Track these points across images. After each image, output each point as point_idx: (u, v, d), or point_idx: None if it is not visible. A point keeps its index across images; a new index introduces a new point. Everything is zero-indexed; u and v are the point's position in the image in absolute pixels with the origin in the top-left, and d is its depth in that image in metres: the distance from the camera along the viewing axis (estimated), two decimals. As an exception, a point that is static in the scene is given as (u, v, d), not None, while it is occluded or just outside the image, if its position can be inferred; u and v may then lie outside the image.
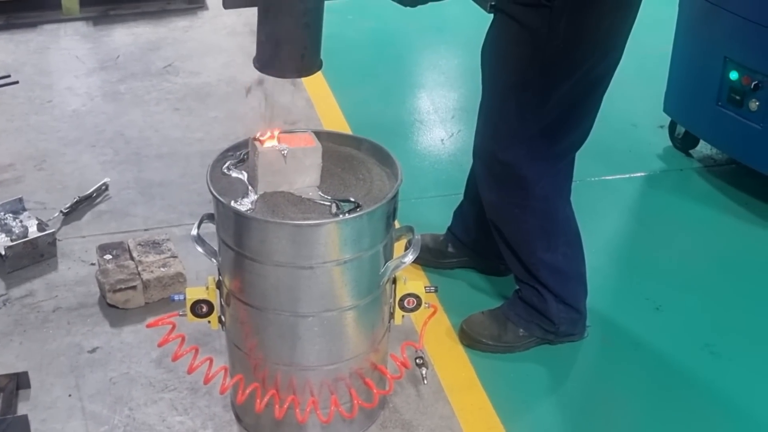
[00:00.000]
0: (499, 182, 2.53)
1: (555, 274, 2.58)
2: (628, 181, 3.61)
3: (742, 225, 3.32)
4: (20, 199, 3.15)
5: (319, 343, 2.15)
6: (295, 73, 2.00)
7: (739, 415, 2.48)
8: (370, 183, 2.16)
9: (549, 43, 2.26)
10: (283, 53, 1.95)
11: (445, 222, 3.02)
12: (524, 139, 2.42)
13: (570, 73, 2.31)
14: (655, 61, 4.03)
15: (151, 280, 2.76)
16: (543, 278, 2.58)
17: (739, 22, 3.23)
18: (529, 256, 2.58)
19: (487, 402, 2.48)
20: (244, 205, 2.05)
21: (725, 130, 3.42)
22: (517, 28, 2.30)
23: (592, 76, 2.35)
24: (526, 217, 2.54)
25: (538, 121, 2.39)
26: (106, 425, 2.36)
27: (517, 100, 2.39)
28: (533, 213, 2.53)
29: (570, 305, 2.61)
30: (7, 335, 2.67)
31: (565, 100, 2.35)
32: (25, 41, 4.68)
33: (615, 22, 2.31)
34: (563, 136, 2.44)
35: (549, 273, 2.58)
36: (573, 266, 2.63)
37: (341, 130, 3.49)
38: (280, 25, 1.92)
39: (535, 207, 2.52)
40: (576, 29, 2.24)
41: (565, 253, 2.60)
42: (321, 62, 2.02)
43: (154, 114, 4.00)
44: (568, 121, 2.41)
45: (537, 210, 2.52)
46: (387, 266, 2.14)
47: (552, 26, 2.23)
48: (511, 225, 2.59)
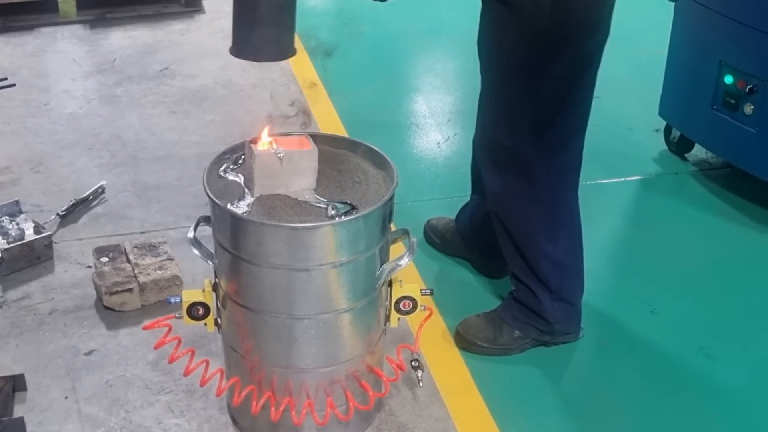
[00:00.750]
0: (504, 170, 2.53)
1: (554, 267, 2.59)
2: (624, 184, 3.62)
3: (737, 228, 3.33)
4: (17, 202, 3.15)
5: (315, 345, 2.15)
6: (271, 57, 2.06)
7: (733, 418, 2.49)
8: (366, 186, 2.17)
9: (536, 22, 2.28)
10: (259, 38, 2.00)
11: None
12: (524, 123, 2.43)
13: (559, 51, 2.33)
14: (650, 65, 4.04)
15: (147, 283, 2.76)
16: (542, 271, 2.59)
17: (735, 26, 3.24)
18: (531, 248, 2.59)
19: (483, 405, 2.48)
20: (241, 208, 2.06)
21: (720, 133, 3.43)
22: (505, 12, 2.33)
23: (583, 54, 2.38)
24: (530, 207, 2.55)
25: (534, 103, 2.41)
26: (103, 427, 2.36)
27: (513, 84, 2.41)
28: (537, 202, 2.53)
29: (566, 300, 2.62)
30: (3, 338, 2.67)
31: (558, 80, 2.37)
32: (22, 44, 4.68)
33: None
34: (563, 120, 2.45)
35: (549, 266, 2.59)
36: (573, 261, 2.64)
37: (337, 133, 3.50)
38: (256, 10, 1.97)
39: (540, 196, 2.52)
40: (561, 6, 2.27)
41: (566, 247, 2.61)
42: (295, 49, 2.07)
43: (151, 117, 4.00)
44: (564, 103, 2.43)
45: (541, 199, 2.53)
46: (383, 269, 2.15)
47: (538, 4, 2.25)
48: (514, 214, 2.60)
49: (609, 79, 4.47)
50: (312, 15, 5.09)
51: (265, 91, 4.21)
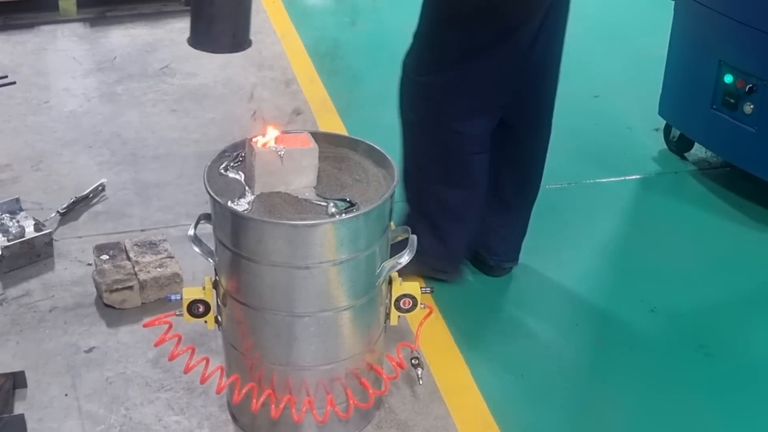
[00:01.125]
0: (417, 101, 2.68)
1: (443, 208, 2.73)
2: (623, 183, 3.62)
3: (736, 228, 3.34)
4: (17, 200, 3.15)
5: (315, 343, 2.16)
6: (228, 49, 2.13)
7: (732, 416, 2.49)
8: (366, 184, 2.17)
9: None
10: (216, 31, 2.06)
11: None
12: (442, 67, 2.57)
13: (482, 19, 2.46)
14: (650, 64, 4.05)
15: (147, 281, 2.77)
16: (430, 211, 2.73)
17: (734, 25, 3.24)
18: (420, 184, 2.74)
19: (483, 403, 2.48)
20: (241, 206, 2.06)
21: (720, 133, 3.44)
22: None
23: (503, 24, 2.48)
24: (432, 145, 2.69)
25: (453, 58, 2.54)
26: (103, 425, 2.36)
27: (437, 35, 2.56)
28: (440, 144, 2.66)
29: (441, 239, 2.74)
30: (3, 335, 2.67)
31: (476, 42, 2.50)
32: (22, 42, 4.68)
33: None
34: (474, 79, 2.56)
35: (436, 204, 2.73)
36: (461, 208, 2.74)
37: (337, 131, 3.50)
38: (213, 4, 2.03)
39: (443, 138, 2.65)
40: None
41: (461, 195, 2.72)
42: (251, 41, 2.14)
43: (151, 115, 4.00)
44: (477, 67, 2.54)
45: (443, 142, 2.65)
46: (383, 267, 2.15)
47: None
48: (418, 147, 2.73)
49: (609, 79, 4.52)
50: (314, 14, 5.10)
51: (265, 90, 4.21)
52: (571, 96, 4.22)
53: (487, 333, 2.76)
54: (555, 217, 3.32)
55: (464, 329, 2.75)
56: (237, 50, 2.12)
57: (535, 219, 2.93)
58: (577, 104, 4.18)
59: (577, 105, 4.17)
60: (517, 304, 2.89)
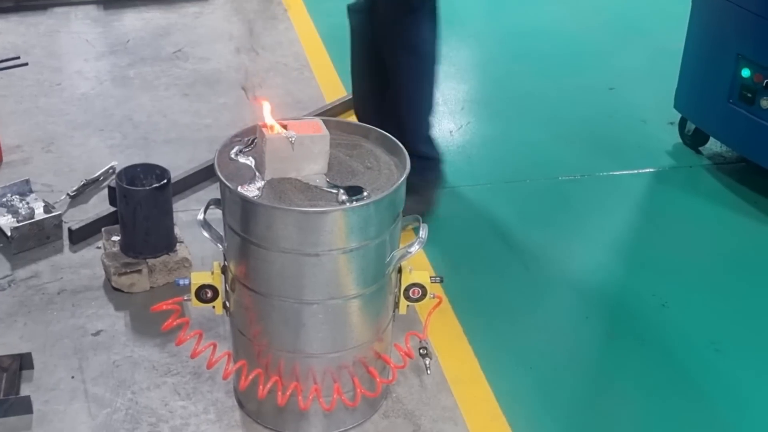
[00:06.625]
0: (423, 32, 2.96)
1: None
2: (637, 177, 3.59)
3: (750, 223, 3.31)
4: (27, 181, 3.15)
5: (323, 330, 2.14)
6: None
7: (744, 413, 2.47)
8: (377, 172, 2.15)
9: None
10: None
11: (452, 213, 3.01)
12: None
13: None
14: (666, 57, 4.02)
15: (156, 264, 2.76)
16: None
17: (753, 18, 3.21)
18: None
19: (491, 394, 2.47)
20: (251, 191, 2.05)
21: (736, 127, 3.41)
22: None
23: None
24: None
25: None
26: (109, 408, 2.36)
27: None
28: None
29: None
30: (11, 316, 2.67)
31: None
32: (35, 24, 4.68)
33: None
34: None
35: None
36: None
37: (350, 119, 3.48)
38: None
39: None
40: None
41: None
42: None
43: (163, 99, 3.99)
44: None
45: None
46: (393, 255, 2.14)
47: None
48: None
49: (624, 71, 4.49)
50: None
51: (278, 76, 4.19)
52: (586, 88, 4.23)
53: (496, 324, 2.75)
54: (567, 209, 3.30)
55: (473, 320, 2.74)
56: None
57: (547, 210, 2.91)
58: (592, 96, 4.16)
59: (592, 97, 4.15)
60: (527, 296, 2.87)
